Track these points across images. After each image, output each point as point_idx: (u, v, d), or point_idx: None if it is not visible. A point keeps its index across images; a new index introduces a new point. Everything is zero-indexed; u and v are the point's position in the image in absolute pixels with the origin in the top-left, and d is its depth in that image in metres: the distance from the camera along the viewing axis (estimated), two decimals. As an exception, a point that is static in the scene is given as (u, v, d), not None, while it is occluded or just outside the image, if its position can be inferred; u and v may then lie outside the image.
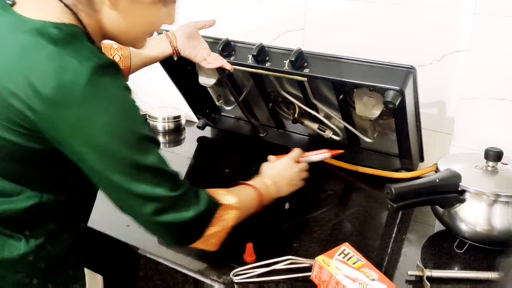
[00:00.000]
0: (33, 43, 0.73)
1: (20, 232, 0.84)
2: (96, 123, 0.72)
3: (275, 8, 1.58)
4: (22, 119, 0.73)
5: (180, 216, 0.81)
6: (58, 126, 0.73)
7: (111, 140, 0.74)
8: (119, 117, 0.74)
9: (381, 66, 1.15)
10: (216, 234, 0.89)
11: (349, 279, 0.85)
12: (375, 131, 1.36)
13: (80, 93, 0.70)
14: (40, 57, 0.72)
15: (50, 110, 0.71)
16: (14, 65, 0.73)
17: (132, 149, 0.75)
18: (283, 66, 1.23)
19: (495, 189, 0.99)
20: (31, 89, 0.70)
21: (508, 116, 1.29)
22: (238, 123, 1.61)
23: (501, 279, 0.88)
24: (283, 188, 1.08)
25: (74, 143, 0.74)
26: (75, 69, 0.70)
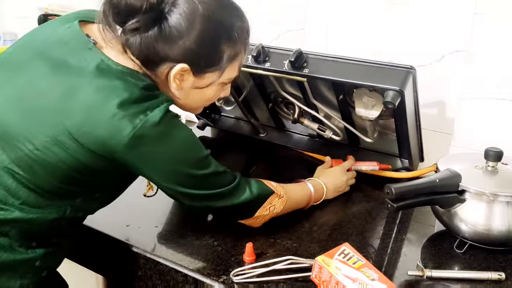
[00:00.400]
0: (117, 86, 0.83)
1: (31, 240, 0.87)
2: (168, 156, 0.87)
3: (275, 8, 1.58)
4: (101, 146, 0.82)
5: (232, 201, 0.97)
6: (134, 159, 0.85)
7: (180, 167, 0.89)
8: (186, 148, 0.89)
9: (381, 66, 1.15)
10: (263, 216, 1.03)
11: (349, 279, 0.85)
12: (375, 131, 1.36)
13: (155, 133, 0.83)
14: (122, 101, 0.82)
15: (132, 148, 0.83)
16: (99, 104, 0.82)
17: (196, 168, 0.91)
18: (282, 67, 1.23)
19: (495, 189, 0.99)
20: (114, 127, 0.81)
21: (508, 116, 1.29)
22: (238, 123, 1.61)
23: None
24: (330, 193, 1.22)
25: (148, 171, 0.88)
26: (152, 115, 0.82)
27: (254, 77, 1.38)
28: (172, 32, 0.85)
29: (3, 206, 0.83)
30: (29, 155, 0.83)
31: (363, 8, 1.42)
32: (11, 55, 0.93)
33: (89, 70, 0.84)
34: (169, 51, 0.86)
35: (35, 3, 2.16)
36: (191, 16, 0.85)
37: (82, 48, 0.87)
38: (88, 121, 0.81)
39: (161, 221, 1.11)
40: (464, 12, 1.29)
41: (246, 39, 0.94)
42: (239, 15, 0.92)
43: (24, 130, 0.83)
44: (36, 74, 0.86)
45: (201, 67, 0.89)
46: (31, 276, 0.88)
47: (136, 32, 0.84)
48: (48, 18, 2.11)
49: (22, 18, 2.30)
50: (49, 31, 0.93)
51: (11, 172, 0.83)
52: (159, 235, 1.06)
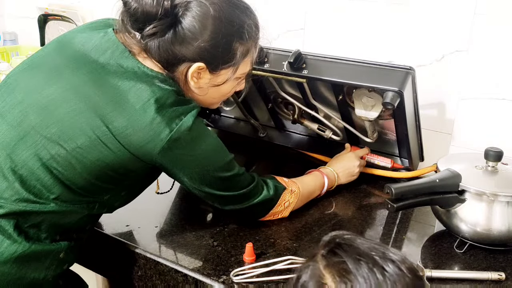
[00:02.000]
0: (154, 92, 0.88)
1: (56, 234, 0.92)
2: (199, 159, 0.93)
3: (275, 8, 1.58)
4: (140, 149, 0.88)
5: (252, 201, 1.04)
6: (169, 161, 0.91)
7: (209, 168, 0.95)
8: (215, 152, 0.97)
9: (380, 67, 1.15)
10: (279, 212, 1.09)
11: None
12: (375, 131, 1.36)
13: (189, 137, 0.90)
14: (160, 106, 0.88)
15: (169, 150, 0.89)
16: (139, 109, 0.87)
17: (223, 170, 0.97)
18: (281, 68, 1.23)
19: (495, 189, 0.99)
20: (153, 131, 0.87)
21: (508, 116, 1.29)
22: (238, 123, 1.61)
23: None
24: (342, 178, 1.27)
25: (179, 173, 0.95)
26: (186, 119, 0.89)
27: (254, 77, 1.38)
28: (186, 34, 0.90)
29: (38, 199, 0.87)
30: (71, 153, 0.87)
31: (363, 8, 1.43)
32: (47, 58, 0.97)
33: (128, 75, 0.90)
34: (185, 52, 0.91)
35: (35, 3, 2.16)
36: (203, 18, 0.90)
37: (119, 56, 0.92)
38: (130, 125, 0.87)
39: (161, 221, 1.11)
40: (464, 12, 1.29)
41: (256, 35, 0.99)
42: (248, 13, 0.97)
43: (66, 130, 0.88)
44: (75, 79, 0.91)
45: (216, 65, 0.95)
46: (55, 267, 0.91)
47: (154, 37, 0.90)
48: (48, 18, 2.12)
49: (22, 18, 2.31)
50: (84, 37, 0.96)
51: (49, 168, 0.87)
52: (159, 235, 1.06)
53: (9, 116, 0.91)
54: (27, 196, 0.87)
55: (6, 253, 0.84)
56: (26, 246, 0.86)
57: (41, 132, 0.88)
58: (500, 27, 1.25)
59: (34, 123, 0.89)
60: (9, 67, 1.81)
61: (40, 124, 0.88)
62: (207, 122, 1.63)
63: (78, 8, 2.07)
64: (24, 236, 0.86)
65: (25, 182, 0.87)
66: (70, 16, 2.05)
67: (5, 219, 0.86)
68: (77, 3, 2.10)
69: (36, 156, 0.87)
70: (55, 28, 2.14)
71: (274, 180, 1.09)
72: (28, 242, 0.86)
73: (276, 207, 1.08)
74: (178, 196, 1.23)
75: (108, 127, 0.87)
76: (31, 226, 0.88)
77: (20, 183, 0.87)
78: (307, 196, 1.16)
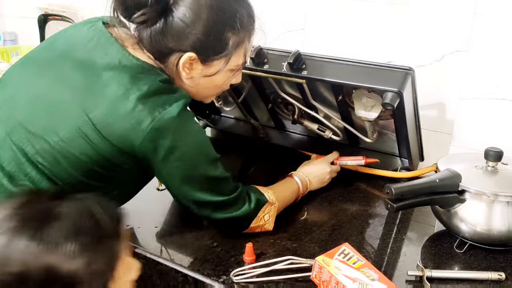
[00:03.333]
0: (137, 80, 0.87)
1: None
2: (182, 151, 0.89)
3: (275, 8, 1.58)
4: (121, 139, 0.86)
5: (231, 214, 0.98)
6: (151, 152, 0.87)
7: (192, 162, 0.92)
8: (200, 145, 0.93)
9: (379, 68, 1.15)
10: (260, 226, 1.04)
11: (349, 279, 0.85)
12: (375, 131, 1.36)
13: (173, 126, 0.86)
14: (142, 94, 0.86)
15: (151, 140, 0.86)
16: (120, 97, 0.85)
17: (207, 166, 0.93)
18: (281, 68, 1.23)
19: (495, 189, 0.99)
20: (134, 119, 0.84)
21: (508, 116, 1.29)
22: (237, 123, 1.61)
23: None
24: (314, 184, 1.23)
25: (161, 166, 0.90)
26: (171, 109, 0.86)
27: (253, 78, 1.38)
28: (178, 23, 0.89)
29: None
30: (54, 147, 0.86)
31: (363, 8, 1.43)
32: (39, 53, 0.98)
33: (112, 64, 0.89)
34: (177, 41, 0.90)
35: (35, 3, 2.16)
36: (195, 7, 0.89)
37: (105, 43, 0.91)
38: (110, 114, 0.85)
39: (161, 221, 1.11)
40: (464, 12, 1.29)
41: (250, 26, 0.97)
42: (242, 3, 0.95)
43: (50, 122, 0.87)
44: (62, 71, 0.91)
45: (208, 55, 0.93)
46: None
47: (145, 25, 0.89)
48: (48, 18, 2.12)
49: (22, 18, 2.31)
50: (73, 31, 0.98)
51: (35, 163, 0.87)
52: (159, 236, 1.06)
53: (0, 112, 0.91)
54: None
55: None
56: None
57: (26, 127, 0.88)
58: (500, 27, 1.25)
59: (21, 118, 0.89)
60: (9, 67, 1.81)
61: (25, 119, 0.88)
62: (207, 122, 1.63)
63: (78, 8, 2.07)
64: None
65: (13, 178, 0.87)
66: (70, 16, 2.05)
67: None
68: (77, 3, 2.10)
69: (22, 151, 0.87)
70: (55, 28, 2.13)
71: (256, 193, 1.04)
72: None
73: (256, 219, 1.02)
74: (178, 196, 1.23)
75: (88, 116, 0.85)
76: None
77: (8, 179, 0.87)
78: (283, 205, 1.12)
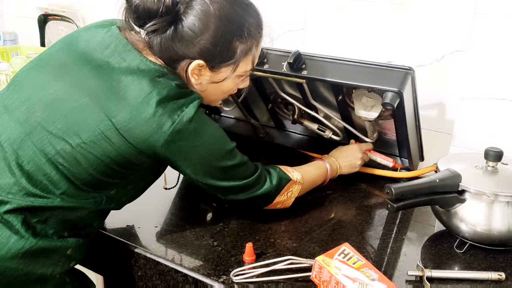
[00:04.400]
0: (156, 85, 0.89)
1: (64, 230, 0.92)
2: (202, 149, 0.94)
3: (275, 8, 1.58)
4: (144, 143, 0.89)
5: (254, 192, 1.04)
6: (172, 153, 0.91)
7: (212, 158, 0.96)
8: (217, 141, 0.97)
9: (379, 68, 1.15)
10: (282, 202, 1.10)
11: (349, 279, 0.85)
12: (375, 131, 1.36)
13: (191, 127, 0.90)
14: (162, 98, 0.88)
15: (172, 141, 0.89)
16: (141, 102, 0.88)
17: (226, 159, 0.98)
18: (281, 68, 1.23)
19: (495, 189, 0.99)
20: (156, 123, 0.88)
21: (508, 116, 1.29)
22: (238, 123, 1.61)
23: None
24: (344, 169, 1.28)
25: (183, 164, 0.95)
26: (187, 110, 0.89)
27: (253, 78, 1.38)
28: (186, 32, 0.92)
29: (45, 194, 0.88)
30: (75, 148, 0.88)
31: (363, 8, 1.43)
32: (54, 55, 0.98)
33: (130, 69, 0.91)
34: (186, 49, 0.93)
35: (35, 3, 2.16)
36: (204, 17, 0.92)
37: (122, 50, 0.93)
38: (133, 118, 0.88)
39: (161, 221, 1.11)
40: (464, 12, 1.29)
41: (258, 34, 0.99)
42: (250, 12, 0.98)
43: (71, 125, 0.89)
44: (80, 75, 0.92)
45: (216, 63, 0.96)
46: (62, 264, 0.92)
47: (156, 33, 0.92)
48: (48, 18, 2.12)
49: (22, 18, 2.31)
50: (89, 35, 0.98)
51: (55, 163, 0.88)
52: (159, 235, 1.06)
53: (17, 112, 0.92)
54: (34, 191, 0.88)
55: (14, 248, 0.85)
56: (33, 241, 0.86)
57: (47, 128, 0.89)
58: (500, 27, 1.25)
59: (40, 119, 0.90)
60: (9, 67, 1.81)
61: (46, 120, 0.90)
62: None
63: (78, 8, 2.07)
64: (32, 231, 0.87)
65: (32, 178, 0.88)
66: (70, 16, 2.05)
67: (13, 215, 0.86)
68: (77, 3, 2.10)
69: (42, 151, 0.88)
70: (55, 28, 2.14)
71: (278, 171, 1.09)
72: (35, 238, 0.87)
73: (279, 196, 1.08)
74: (178, 196, 1.23)
75: (111, 121, 0.88)
76: (38, 221, 0.88)
77: (27, 178, 0.88)
78: (309, 186, 1.18)
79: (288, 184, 1.08)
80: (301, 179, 1.12)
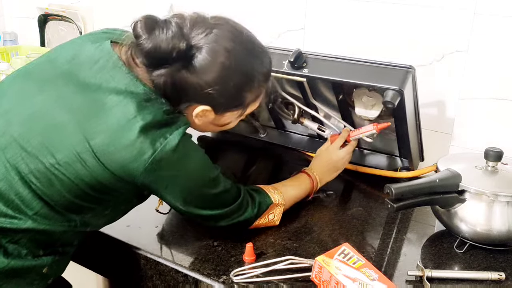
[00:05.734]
0: (142, 109, 0.84)
1: (39, 249, 0.88)
2: (184, 179, 0.90)
3: (275, 8, 1.58)
4: (122, 168, 0.84)
5: (237, 220, 1.00)
6: (152, 181, 0.87)
7: (195, 188, 0.92)
8: (201, 170, 0.92)
9: (380, 66, 1.15)
10: (261, 225, 1.06)
11: (349, 279, 0.85)
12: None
13: (173, 157, 0.85)
14: (146, 124, 0.83)
15: (152, 170, 0.85)
16: (123, 126, 0.83)
17: (209, 187, 0.94)
18: (282, 67, 1.23)
19: (495, 189, 0.99)
20: (136, 150, 0.83)
21: (508, 116, 1.29)
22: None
23: None
24: (324, 179, 1.22)
25: (164, 193, 0.91)
26: (172, 137, 0.85)
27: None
28: (196, 80, 0.88)
29: (17, 215, 0.84)
30: (49, 169, 0.83)
31: (363, 8, 1.43)
32: (40, 67, 0.94)
33: (117, 89, 0.85)
34: (193, 95, 0.89)
35: (35, 3, 2.16)
36: (216, 68, 0.88)
37: (112, 67, 0.88)
38: (112, 143, 0.83)
39: (161, 221, 1.11)
40: (464, 12, 1.29)
41: (267, 79, 0.97)
42: (263, 59, 0.95)
43: (47, 143, 0.84)
44: (63, 91, 0.88)
45: (223, 109, 0.94)
46: (38, 283, 0.89)
47: (162, 75, 0.87)
48: (48, 18, 2.12)
49: (22, 18, 2.30)
50: (78, 49, 0.93)
51: (28, 182, 0.84)
52: (159, 235, 1.06)
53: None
54: (6, 210, 0.83)
55: None
56: (4, 262, 0.83)
57: (21, 144, 0.85)
58: (500, 27, 1.25)
59: (16, 135, 0.85)
60: (9, 67, 1.81)
61: (21, 136, 0.85)
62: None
63: (78, 8, 2.07)
64: (3, 252, 0.83)
65: (4, 196, 0.84)
66: (70, 16, 2.05)
67: None
68: (77, 3, 2.10)
69: (16, 169, 0.84)
70: (55, 28, 2.14)
71: (260, 195, 1.04)
72: (6, 258, 0.83)
73: (260, 219, 1.04)
74: (178, 196, 1.23)
75: (89, 143, 0.83)
76: (9, 241, 0.84)
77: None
78: (292, 203, 1.13)
79: (269, 208, 1.04)
80: (282, 200, 1.07)
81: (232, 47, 0.88)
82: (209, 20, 0.91)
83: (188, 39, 0.86)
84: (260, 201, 1.03)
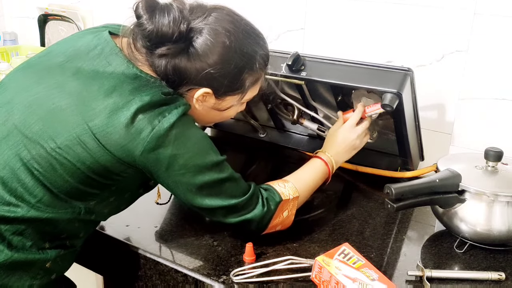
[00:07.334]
0: (139, 91, 0.86)
1: (44, 241, 0.88)
2: (184, 158, 0.88)
3: (275, 8, 1.58)
4: (122, 150, 0.84)
5: (245, 217, 0.95)
6: (152, 162, 0.86)
7: (195, 169, 0.89)
8: (202, 150, 0.90)
9: (378, 69, 1.15)
10: (279, 223, 1.01)
11: (349, 279, 0.85)
12: (375, 131, 1.36)
13: (172, 134, 0.85)
14: (143, 104, 0.84)
15: (151, 149, 0.85)
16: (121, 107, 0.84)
17: (211, 171, 0.90)
18: (280, 70, 1.23)
19: (495, 189, 0.99)
20: (134, 129, 0.83)
21: (508, 116, 1.29)
22: (237, 123, 1.61)
23: None
24: (341, 159, 1.17)
25: (163, 175, 0.89)
26: (170, 116, 0.85)
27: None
28: (197, 61, 0.89)
29: (20, 203, 0.84)
30: (50, 153, 0.84)
31: (363, 8, 1.43)
32: (41, 59, 0.96)
33: (114, 74, 0.87)
34: (194, 77, 0.90)
35: (35, 3, 2.16)
36: (216, 47, 0.89)
37: (109, 52, 0.90)
38: (110, 123, 0.84)
39: (160, 221, 1.11)
40: (464, 12, 1.29)
41: (266, 64, 0.98)
42: (260, 42, 0.96)
43: (47, 128, 0.85)
44: (62, 78, 0.89)
45: (223, 92, 0.94)
46: (41, 277, 0.88)
47: (164, 57, 0.88)
48: (48, 18, 2.12)
49: (22, 18, 2.31)
50: (77, 38, 0.96)
51: (30, 169, 0.85)
52: (159, 235, 1.06)
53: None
54: (9, 199, 0.84)
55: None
56: (8, 255, 0.83)
57: (23, 131, 0.86)
58: (500, 27, 1.25)
59: (17, 122, 0.87)
60: (9, 67, 1.81)
61: (22, 123, 0.86)
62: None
63: (78, 8, 2.07)
64: (7, 244, 0.84)
65: (6, 184, 0.84)
66: (70, 16, 2.05)
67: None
68: (77, 3, 2.10)
69: (18, 156, 0.85)
70: (55, 28, 2.14)
71: (270, 192, 1.00)
72: (10, 250, 0.84)
73: (273, 220, 0.99)
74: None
75: (88, 125, 0.84)
76: (15, 233, 0.85)
77: (1, 185, 0.84)
78: (309, 193, 1.09)
79: (281, 205, 0.99)
80: (295, 193, 1.02)
81: (232, 28, 0.91)
82: (208, 6, 0.93)
83: (188, 21, 0.88)
84: (267, 197, 0.98)
